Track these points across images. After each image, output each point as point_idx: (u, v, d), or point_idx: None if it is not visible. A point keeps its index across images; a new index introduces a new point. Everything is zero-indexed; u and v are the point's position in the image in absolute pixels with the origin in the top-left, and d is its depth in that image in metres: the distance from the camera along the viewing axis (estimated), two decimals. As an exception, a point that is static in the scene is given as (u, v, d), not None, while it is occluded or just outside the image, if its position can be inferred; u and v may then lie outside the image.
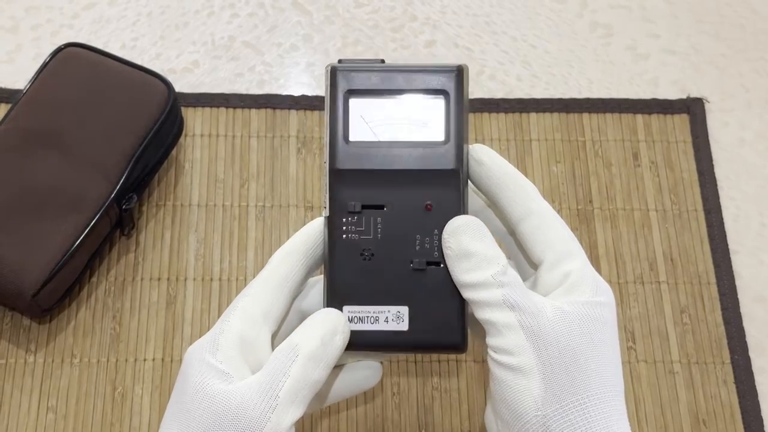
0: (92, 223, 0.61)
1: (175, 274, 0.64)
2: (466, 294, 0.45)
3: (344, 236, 0.47)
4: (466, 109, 0.47)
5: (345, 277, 0.47)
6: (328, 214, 0.47)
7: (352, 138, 0.46)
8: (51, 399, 0.60)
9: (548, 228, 0.47)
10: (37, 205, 0.60)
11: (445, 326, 0.47)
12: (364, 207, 0.46)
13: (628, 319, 0.64)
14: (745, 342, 0.64)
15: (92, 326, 0.62)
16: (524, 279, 0.48)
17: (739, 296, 0.65)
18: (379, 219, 0.47)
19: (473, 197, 0.49)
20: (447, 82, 0.47)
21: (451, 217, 0.46)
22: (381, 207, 0.47)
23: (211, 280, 0.64)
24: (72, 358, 0.61)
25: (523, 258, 0.49)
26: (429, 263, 0.46)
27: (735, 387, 0.62)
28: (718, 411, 0.62)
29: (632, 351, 0.63)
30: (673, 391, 0.62)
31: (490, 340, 0.45)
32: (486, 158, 0.48)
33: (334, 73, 0.46)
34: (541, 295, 0.46)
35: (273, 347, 0.47)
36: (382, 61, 0.47)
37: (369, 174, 0.46)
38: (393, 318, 0.47)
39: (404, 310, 0.47)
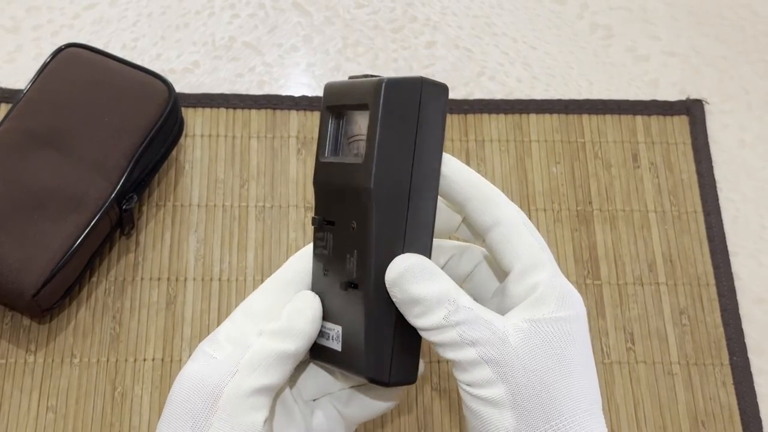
0: (92, 223, 0.61)
1: (175, 275, 0.64)
2: (424, 336, 0.44)
3: (316, 251, 0.47)
4: (393, 124, 0.43)
5: (316, 290, 0.47)
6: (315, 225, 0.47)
7: (326, 153, 0.47)
8: (51, 399, 0.60)
9: (515, 237, 0.46)
10: (37, 205, 0.60)
11: (370, 355, 0.44)
12: (323, 222, 0.46)
13: (627, 320, 0.64)
14: (744, 343, 0.64)
15: (92, 326, 0.62)
16: (498, 283, 0.48)
17: (738, 298, 0.66)
18: (330, 235, 0.46)
19: (448, 212, 0.48)
20: (368, 96, 0.43)
21: (365, 240, 0.43)
22: (332, 223, 0.46)
23: (211, 280, 0.64)
24: (72, 358, 0.61)
25: (495, 263, 0.49)
26: (349, 284, 0.44)
27: (734, 388, 0.62)
28: (716, 412, 0.62)
29: (631, 352, 0.63)
30: (672, 392, 0.62)
31: (458, 375, 0.44)
32: (446, 170, 0.46)
33: (324, 88, 0.47)
34: (505, 312, 0.45)
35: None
36: (375, 77, 0.44)
37: (326, 189, 0.46)
38: (335, 336, 0.46)
39: (338, 329, 0.45)
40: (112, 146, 0.63)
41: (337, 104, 0.46)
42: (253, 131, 0.70)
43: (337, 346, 0.45)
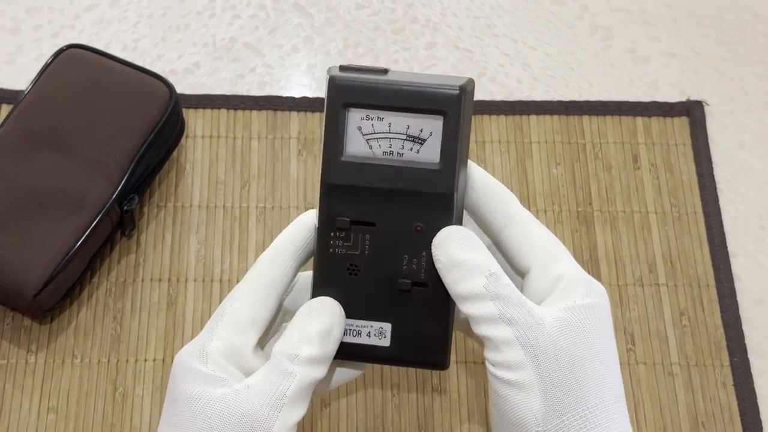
0: (93, 224, 0.61)
1: (176, 275, 0.64)
2: (463, 308, 0.44)
3: (331, 250, 0.46)
4: (466, 130, 0.45)
5: (330, 290, 0.46)
6: (317, 226, 0.46)
7: (347, 152, 0.45)
8: (52, 399, 0.60)
9: (531, 233, 0.46)
10: (38, 206, 0.61)
11: (427, 345, 0.46)
12: (353, 223, 0.46)
13: (627, 321, 0.64)
14: (744, 344, 0.64)
15: (93, 327, 0.62)
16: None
17: (738, 299, 0.66)
18: (367, 236, 0.46)
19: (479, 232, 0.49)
20: (447, 103, 0.44)
21: None
22: (371, 224, 0.46)
23: (212, 281, 0.64)
24: (73, 359, 0.61)
25: (510, 268, 0.49)
26: (415, 284, 0.46)
27: (734, 389, 0.63)
28: (717, 413, 0.62)
29: (631, 353, 0.63)
30: (672, 393, 0.62)
31: (489, 354, 0.44)
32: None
33: (333, 83, 0.45)
34: (536, 304, 0.45)
35: (263, 348, 0.47)
36: (385, 70, 0.46)
37: (361, 190, 0.45)
38: (375, 333, 0.46)
39: (387, 326, 0.46)
40: (113, 147, 0.63)
41: (374, 104, 0.45)
42: (253, 132, 0.70)
43: (382, 342, 0.46)
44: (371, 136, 0.45)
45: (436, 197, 0.45)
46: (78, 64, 0.65)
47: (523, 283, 0.47)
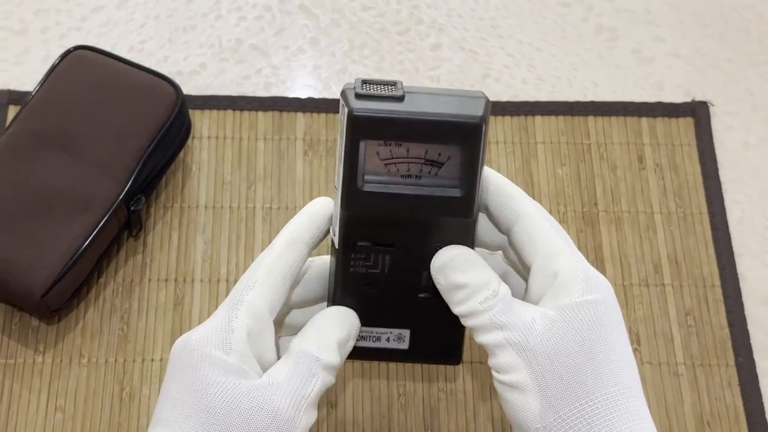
0: (101, 225, 0.61)
1: (182, 276, 0.65)
2: (464, 322, 0.46)
3: (352, 269, 0.47)
4: (483, 158, 0.45)
5: (349, 302, 0.48)
6: (337, 246, 0.47)
7: (366, 179, 0.45)
8: (59, 399, 0.60)
9: (534, 230, 0.47)
10: (46, 207, 0.61)
11: (443, 347, 0.50)
12: (374, 244, 0.47)
13: (632, 321, 0.65)
14: (750, 344, 0.64)
15: (100, 327, 0.63)
16: (524, 287, 0.49)
17: (744, 299, 0.66)
18: (387, 256, 0.47)
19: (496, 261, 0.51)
20: (467, 135, 0.44)
21: None
22: (390, 245, 0.47)
23: (218, 281, 0.65)
24: (80, 359, 0.62)
25: (520, 266, 0.50)
26: (434, 295, 0.48)
27: (739, 389, 0.63)
28: (722, 413, 0.62)
29: (637, 353, 0.63)
30: (678, 392, 0.62)
31: (490, 361, 0.46)
32: None
33: (351, 118, 0.44)
34: (533, 304, 0.46)
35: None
36: (402, 97, 0.44)
37: (375, 218, 0.46)
38: (394, 338, 0.49)
39: (405, 333, 0.49)
40: (120, 148, 0.63)
41: (394, 137, 0.44)
42: (259, 133, 0.70)
43: (401, 345, 0.49)
44: (389, 160, 0.45)
45: (455, 223, 0.46)
46: (85, 65, 0.66)
47: (527, 280, 0.47)
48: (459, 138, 0.44)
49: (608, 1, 0.78)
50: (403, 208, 0.45)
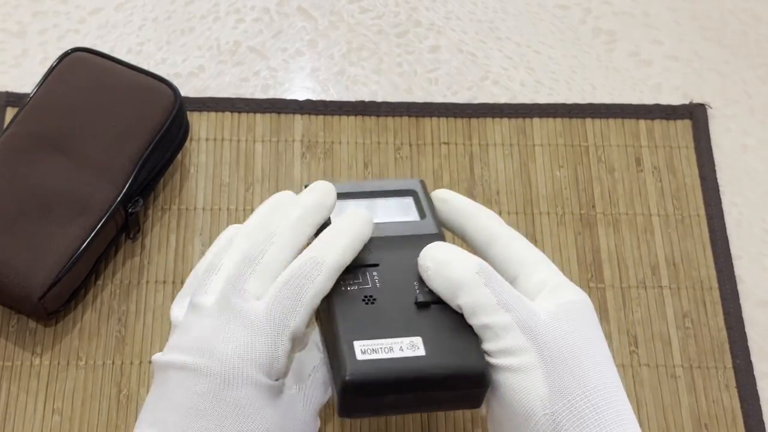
0: (98, 227, 0.61)
1: (180, 278, 0.65)
2: (460, 300, 0.46)
3: (343, 288, 0.48)
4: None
5: (349, 321, 0.47)
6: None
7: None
8: (57, 401, 0.60)
9: (517, 246, 0.50)
10: (44, 209, 0.61)
11: (462, 348, 0.47)
12: (359, 266, 0.49)
13: (630, 323, 0.65)
14: (747, 347, 0.64)
15: (98, 329, 0.63)
16: None
17: (741, 301, 0.66)
18: (375, 273, 0.49)
19: None
20: (413, 186, 0.53)
21: None
22: (375, 265, 0.49)
23: (216, 283, 0.65)
24: (78, 361, 0.62)
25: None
26: (428, 303, 0.48)
27: (737, 391, 0.63)
28: (720, 415, 0.62)
29: (634, 355, 0.63)
30: (675, 395, 0.62)
31: (489, 345, 0.45)
32: (449, 196, 0.52)
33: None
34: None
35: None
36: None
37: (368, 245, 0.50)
38: (407, 346, 0.47)
39: (417, 339, 0.47)
40: (118, 150, 0.63)
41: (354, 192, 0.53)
42: (257, 135, 0.70)
43: (417, 353, 0.47)
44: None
45: (428, 237, 0.51)
46: (83, 67, 0.66)
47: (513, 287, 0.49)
48: (409, 188, 0.54)
49: (606, 3, 0.78)
50: (377, 231, 0.51)
